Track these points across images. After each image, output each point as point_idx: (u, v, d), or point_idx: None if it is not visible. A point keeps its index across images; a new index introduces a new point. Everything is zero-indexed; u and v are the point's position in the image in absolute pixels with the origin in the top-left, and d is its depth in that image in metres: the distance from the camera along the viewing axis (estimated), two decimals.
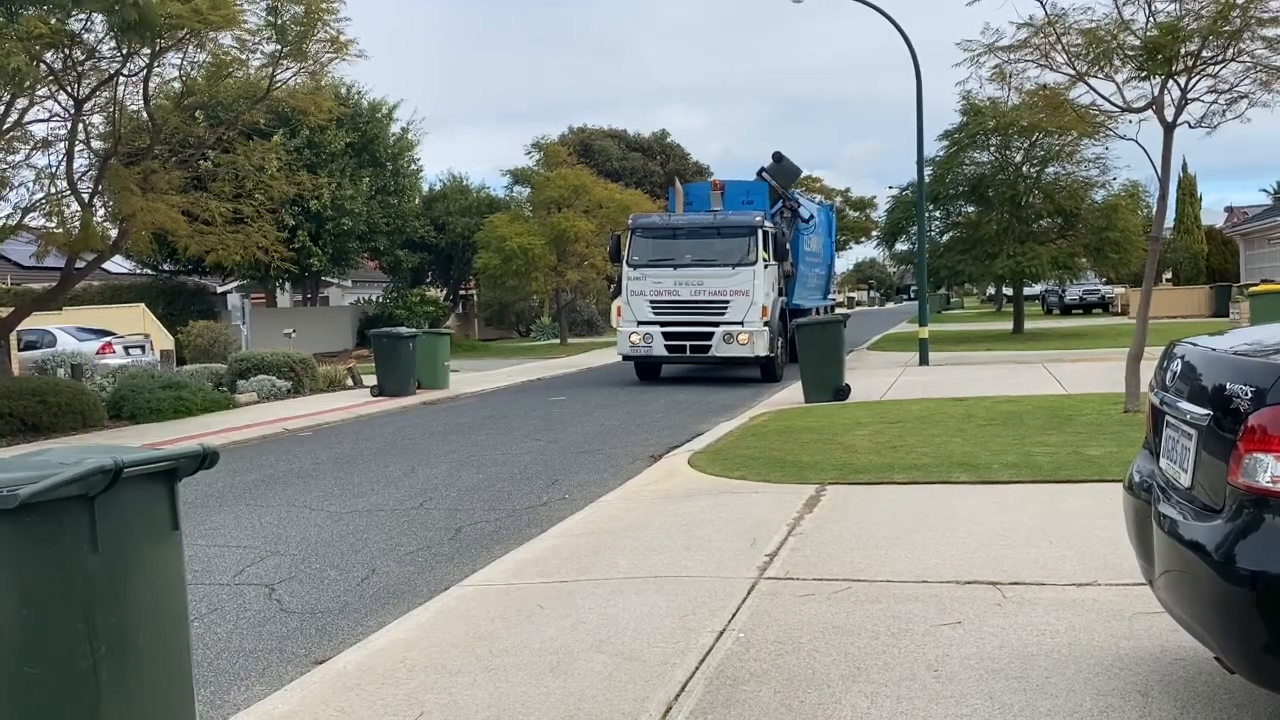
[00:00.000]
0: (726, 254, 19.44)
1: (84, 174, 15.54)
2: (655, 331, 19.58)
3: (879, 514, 7.18)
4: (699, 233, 20.05)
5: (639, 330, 19.69)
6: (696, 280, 19.49)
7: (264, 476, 10.77)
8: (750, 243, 19.52)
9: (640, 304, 19.79)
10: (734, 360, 19.66)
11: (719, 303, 19.31)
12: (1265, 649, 2.94)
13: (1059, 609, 4.89)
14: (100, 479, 2.69)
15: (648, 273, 19.85)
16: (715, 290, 19.34)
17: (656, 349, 19.70)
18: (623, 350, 20.18)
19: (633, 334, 19.77)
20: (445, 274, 42.80)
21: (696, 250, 19.74)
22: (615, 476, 9.91)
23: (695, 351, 19.58)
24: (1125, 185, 32.49)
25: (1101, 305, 50.03)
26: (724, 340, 19.20)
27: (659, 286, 19.70)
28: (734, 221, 20.01)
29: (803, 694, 4.06)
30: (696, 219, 20.58)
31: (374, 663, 4.69)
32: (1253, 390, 3.04)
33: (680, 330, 19.52)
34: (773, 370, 19.80)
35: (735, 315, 19.22)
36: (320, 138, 29.00)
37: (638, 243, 20.27)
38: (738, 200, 21.76)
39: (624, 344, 20.05)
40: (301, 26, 14.93)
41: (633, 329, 19.77)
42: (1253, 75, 11.06)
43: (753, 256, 19.39)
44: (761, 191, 22.40)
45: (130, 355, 22.30)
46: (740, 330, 19.14)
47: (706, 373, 21.46)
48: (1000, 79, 12.54)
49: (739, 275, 19.30)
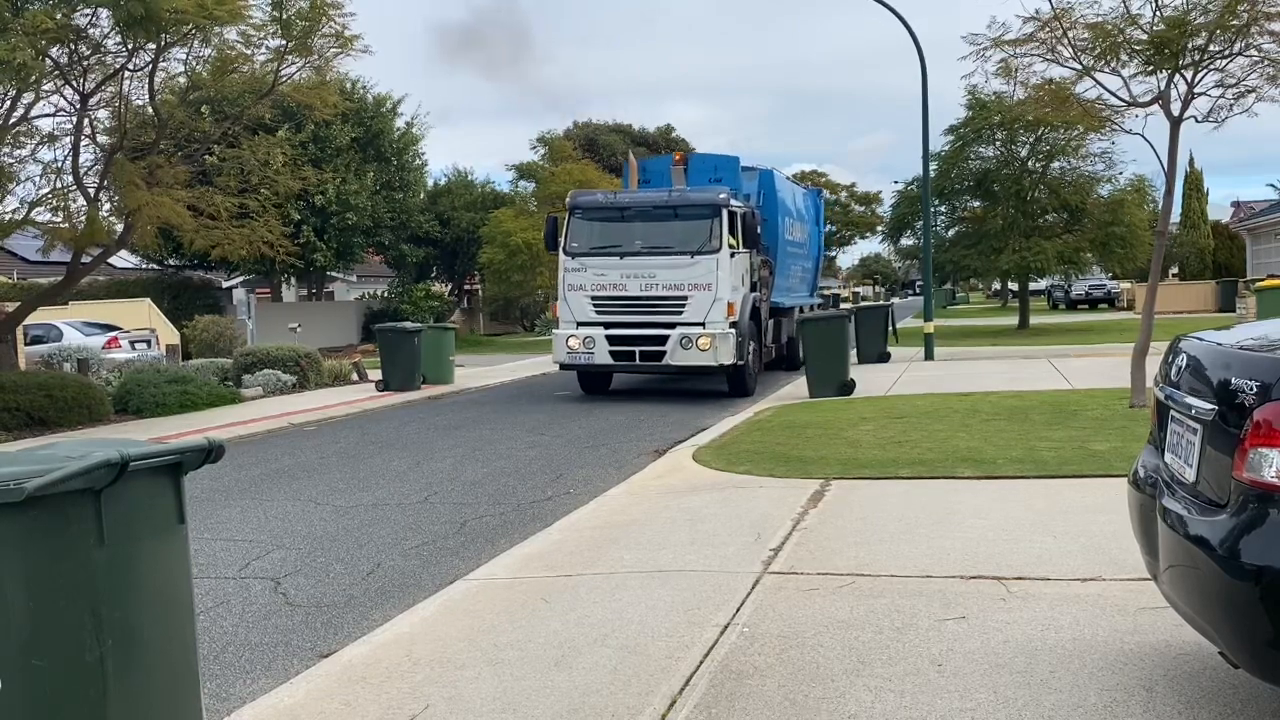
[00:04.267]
0: (685, 239, 16.12)
1: (89, 169, 15.56)
2: (598, 334, 16.25)
3: (883, 509, 7.18)
4: (651, 213, 16.62)
5: (578, 333, 16.37)
6: (647, 272, 16.17)
7: (269, 471, 10.79)
8: (713, 225, 16.05)
9: (580, 301, 16.48)
10: (693, 370, 16.27)
11: (675, 299, 16.02)
12: (1270, 644, 2.94)
13: (1063, 604, 4.89)
14: (106, 472, 2.70)
15: (589, 263, 16.49)
16: (670, 284, 16.06)
17: (599, 356, 16.32)
18: (559, 358, 16.74)
19: (570, 337, 16.42)
20: (450, 269, 42.83)
21: (648, 235, 16.43)
22: (619, 471, 9.92)
23: (646, 359, 16.24)
24: (1131, 180, 32.49)
25: (1107, 300, 49.96)
26: (681, 345, 15.84)
27: (602, 279, 16.36)
28: (693, 199, 16.49)
29: (807, 688, 4.06)
30: (648, 196, 17.18)
31: (379, 656, 4.71)
32: (1258, 385, 3.04)
33: (628, 333, 16.19)
34: (742, 381, 16.52)
35: (695, 314, 15.93)
36: (325, 132, 29.04)
37: (577, 226, 16.87)
38: (704, 177, 18.20)
39: (560, 349, 16.60)
40: (306, 21, 14.93)
41: (571, 332, 16.46)
42: (1260, 70, 11.02)
43: (716, 242, 15.95)
44: (732, 167, 18.73)
45: (136, 350, 22.36)
46: (700, 333, 15.78)
47: (669, 383, 18.64)
48: (1006, 73, 12.51)
49: (699, 265, 15.91)
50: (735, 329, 16.02)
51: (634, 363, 16.43)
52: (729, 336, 15.86)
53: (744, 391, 16.38)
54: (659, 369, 16.56)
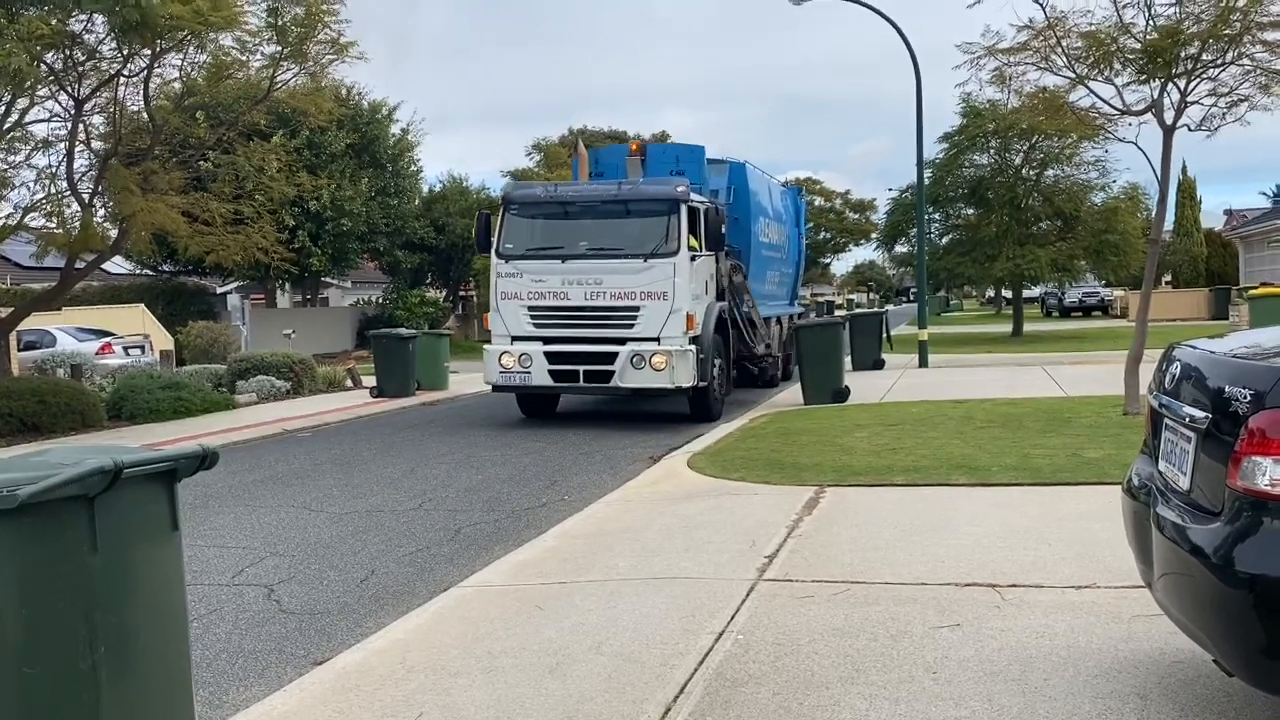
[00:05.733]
0: (637, 240, 13.79)
1: (84, 174, 15.56)
2: (535, 351, 13.91)
3: (878, 516, 7.18)
4: (598, 209, 14.22)
5: (512, 350, 14.01)
6: (593, 278, 13.78)
7: (263, 477, 10.77)
8: (670, 224, 13.70)
9: (514, 312, 14.08)
10: (647, 392, 13.90)
11: (625, 310, 13.70)
12: (1263, 652, 2.95)
13: (1058, 611, 4.89)
14: (100, 479, 2.70)
15: (525, 267, 14.08)
16: (620, 292, 13.71)
17: (536, 376, 13.97)
18: (490, 378, 14.37)
19: (503, 354, 14.05)
20: (445, 275, 42.79)
21: (595, 235, 14.09)
22: (614, 477, 9.92)
23: (591, 380, 13.91)
24: (1125, 188, 32.64)
25: (1101, 308, 50.08)
26: (632, 364, 13.53)
27: (541, 287, 13.99)
28: (646, 193, 14.08)
29: (801, 696, 4.06)
30: (594, 190, 14.71)
31: (373, 663, 4.69)
32: (1252, 393, 3.04)
33: (570, 350, 13.86)
34: (706, 405, 14.27)
35: (648, 328, 13.58)
36: (320, 139, 29.02)
37: (512, 224, 14.45)
38: (665, 169, 15.67)
39: (491, 369, 14.21)
40: (302, 28, 14.96)
41: (504, 348, 14.09)
42: (1252, 78, 11.07)
43: (674, 243, 13.61)
44: (697, 158, 16.27)
45: (130, 356, 22.31)
46: (655, 350, 13.47)
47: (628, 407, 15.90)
48: (1000, 82, 12.56)
49: (654, 271, 13.58)
50: (696, 345, 13.77)
51: (577, 384, 14.13)
52: (688, 354, 13.58)
53: (708, 416, 14.17)
54: (607, 391, 14.37)
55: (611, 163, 16.70)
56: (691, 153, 16.42)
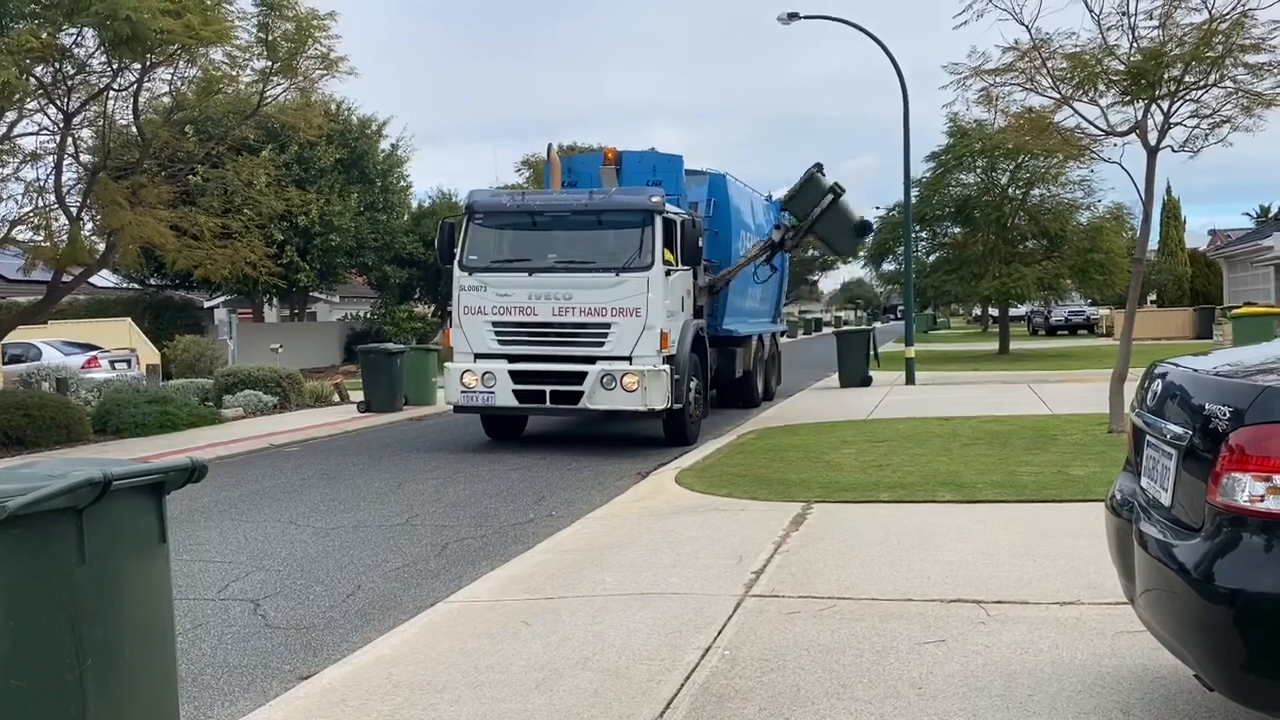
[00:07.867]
0: (609, 253, 13.16)
1: (72, 188, 15.53)
2: (499, 370, 13.15)
3: (865, 532, 7.20)
4: (568, 220, 13.49)
5: (475, 368, 13.26)
6: (562, 292, 13.04)
7: (250, 492, 10.73)
8: (645, 236, 13.00)
9: (478, 328, 13.30)
10: (618, 414, 13.31)
11: (595, 327, 12.96)
12: (1244, 667, 2.98)
13: (1042, 627, 4.92)
14: (89, 491, 2.70)
15: (490, 280, 13.30)
16: (590, 307, 12.98)
17: (500, 396, 13.19)
18: (451, 398, 13.60)
19: (465, 373, 13.29)
20: (433, 290, 42.71)
21: (565, 247, 13.43)
22: (602, 493, 9.92)
23: (559, 401, 13.12)
24: (1110, 208, 32.91)
25: (1086, 326, 50.37)
26: (602, 384, 12.81)
27: (506, 301, 13.23)
28: (619, 203, 13.33)
29: (788, 711, 4.07)
30: (563, 199, 13.92)
31: (359, 678, 4.69)
32: (1231, 410, 3.08)
33: (537, 369, 13.11)
34: (681, 428, 13.47)
35: (620, 346, 12.86)
36: (310, 153, 29.05)
37: (476, 234, 13.65)
38: (641, 178, 15.12)
39: (452, 388, 13.45)
40: (292, 43, 14.99)
41: (466, 366, 13.33)
42: (1235, 100, 11.20)
43: (648, 257, 12.91)
44: (675, 168, 15.69)
45: (116, 369, 22.19)
46: (626, 370, 12.77)
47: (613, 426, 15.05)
48: (987, 102, 12.66)
49: (626, 285, 12.87)
50: (671, 364, 13.02)
51: (543, 405, 13.28)
52: (662, 374, 12.80)
53: (683, 439, 13.37)
54: (575, 412, 13.62)
55: (585, 171, 16.16)
56: (669, 162, 15.86)
